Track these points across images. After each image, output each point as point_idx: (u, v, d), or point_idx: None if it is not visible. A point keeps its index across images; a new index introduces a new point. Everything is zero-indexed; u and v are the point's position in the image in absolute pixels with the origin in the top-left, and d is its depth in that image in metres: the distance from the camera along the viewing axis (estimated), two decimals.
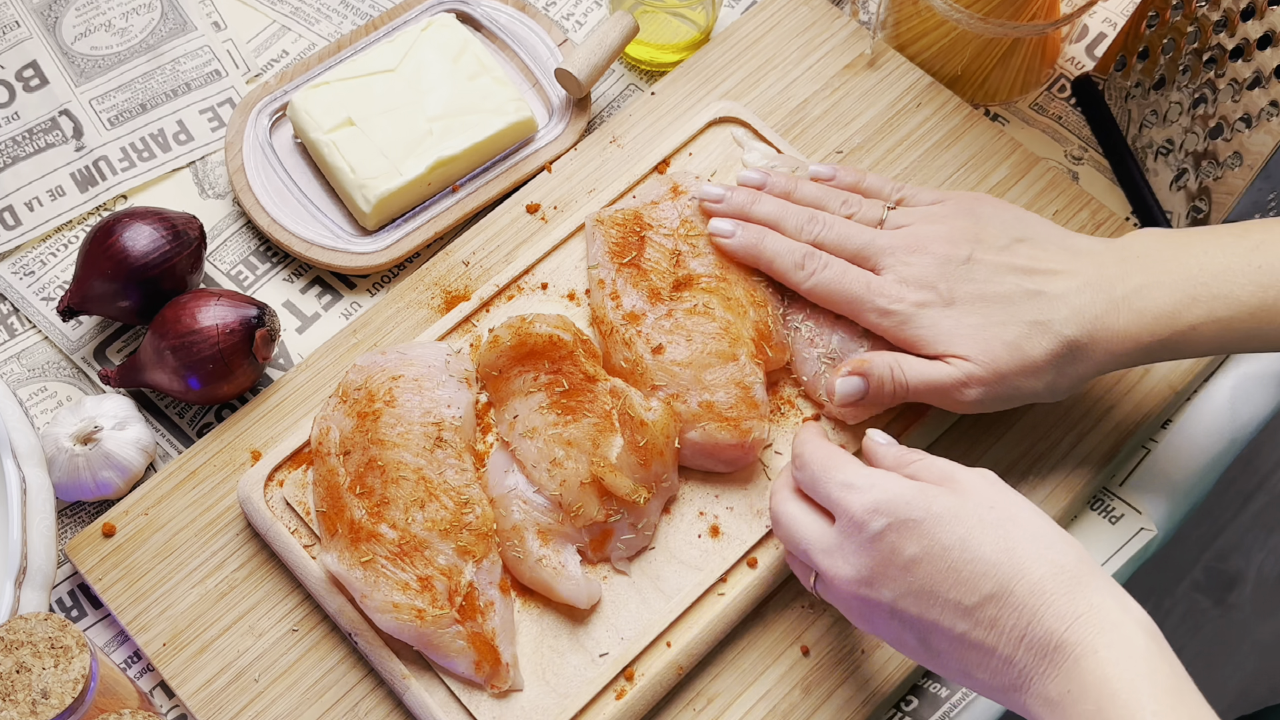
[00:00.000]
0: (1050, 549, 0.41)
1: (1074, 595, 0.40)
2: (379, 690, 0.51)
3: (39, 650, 0.43)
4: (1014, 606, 0.40)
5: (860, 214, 0.54)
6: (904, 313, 0.50)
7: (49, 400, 0.59)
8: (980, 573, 0.41)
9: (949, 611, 0.41)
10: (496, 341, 0.53)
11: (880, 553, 0.43)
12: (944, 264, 0.50)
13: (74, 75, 0.65)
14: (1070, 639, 0.39)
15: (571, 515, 0.50)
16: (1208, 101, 0.59)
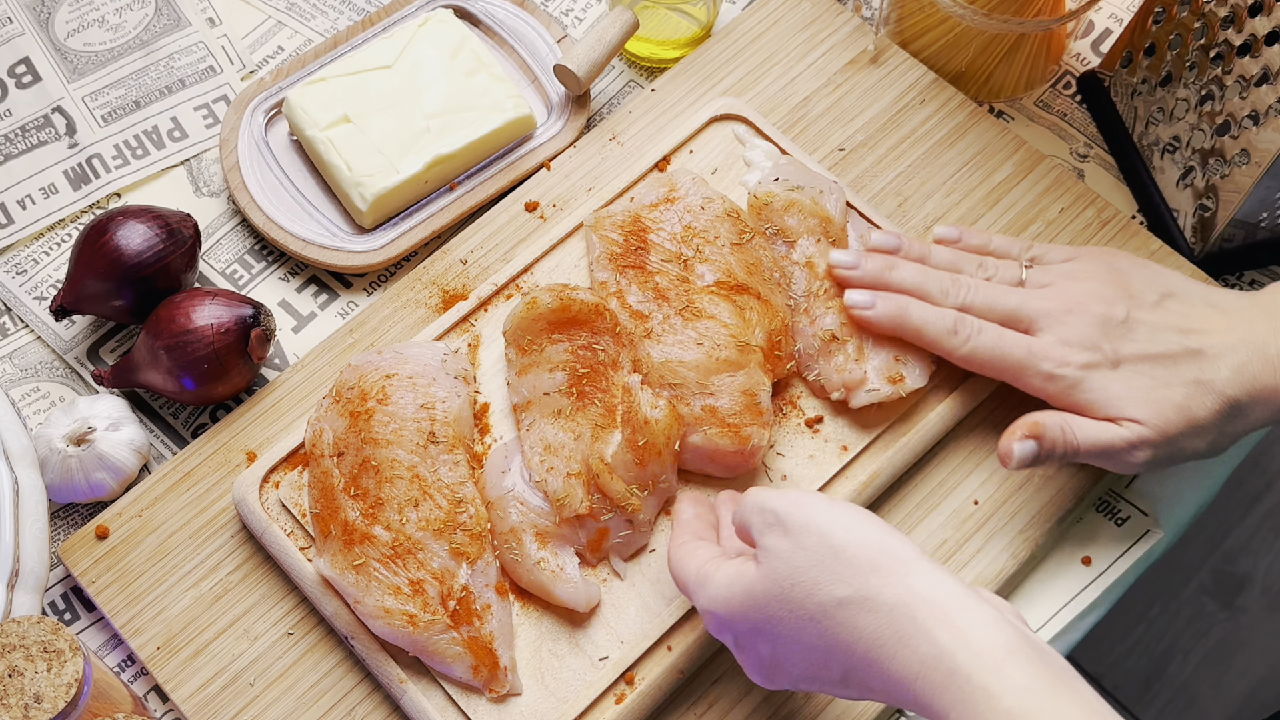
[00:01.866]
0: None
1: None
2: (376, 694, 0.51)
3: (31, 654, 0.42)
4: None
5: (999, 276, 0.53)
6: (1071, 377, 0.50)
7: (42, 401, 0.58)
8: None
9: None
10: (535, 304, 0.53)
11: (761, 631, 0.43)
12: (1104, 324, 0.50)
13: (67, 72, 0.64)
14: None
15: (557, 504, 0.50)
16: (1215, 98, 0.58)
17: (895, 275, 0.53)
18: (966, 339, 0.51)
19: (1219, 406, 0.48)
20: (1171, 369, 0.49)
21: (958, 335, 0.51)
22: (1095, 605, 0.54)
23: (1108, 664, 0.97)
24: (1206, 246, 0.60)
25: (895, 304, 0.53)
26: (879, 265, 0.54)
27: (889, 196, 0.61)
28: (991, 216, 0.61)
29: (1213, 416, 0.48)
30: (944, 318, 0.52)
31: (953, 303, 0.52)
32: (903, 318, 0.52)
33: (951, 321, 0.52)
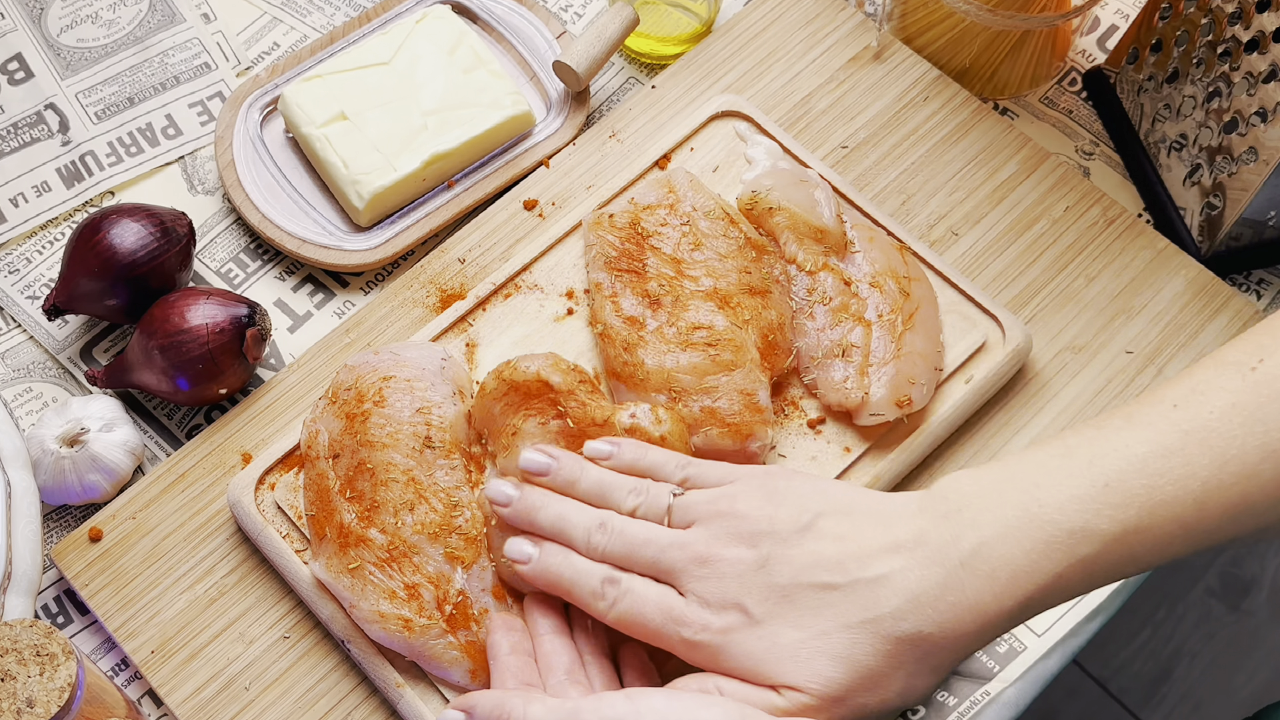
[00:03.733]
0: None
1: None
2: (372, 699, 0.50)
3: (24, 657, 0.42)
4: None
5: (645, 505, 0.46)
6: (712, 644, 0.42)
7: (34, 401, 0.58)
8: None
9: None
10: (484, 390, 0.51)
11: None
12: (741, 572, 0.42)
13: (60, 68, 0.64)
14: None
15: None
16: (1222, 95, 0.58)
17: (541, 516, 0.47)
18: (612, 604, 0.44)
19: (891, 649, 0.40)
20: (824, 613, 0.41)
21: (604, 600, 0.45)
22: (1101, 609, 0.53)
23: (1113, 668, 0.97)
24: (1214, 245, 0.60)
25: (548, 564, 0.46)
26: (529, 505, 0.47)
27: (892, 194, 0.60)
28: (996, 215, 0.60)
29: (886, 662, 0.40)
30: (591, 578, 0.45)
31: (597, 553, 0.46)
32: (554, 579, 0.46)
33: (599, 583, 0.45)
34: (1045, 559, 0.39)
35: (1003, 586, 0.39)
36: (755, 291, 0.54)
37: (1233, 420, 0.38)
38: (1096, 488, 0.39)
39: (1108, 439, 0.40)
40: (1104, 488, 0.39)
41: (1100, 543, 0.39)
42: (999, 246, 0.59)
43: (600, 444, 0.49)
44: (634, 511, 0.47)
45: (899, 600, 0.40)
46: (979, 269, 0.59)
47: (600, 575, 0.45)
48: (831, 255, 0.56)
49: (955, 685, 0.52)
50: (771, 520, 0.43)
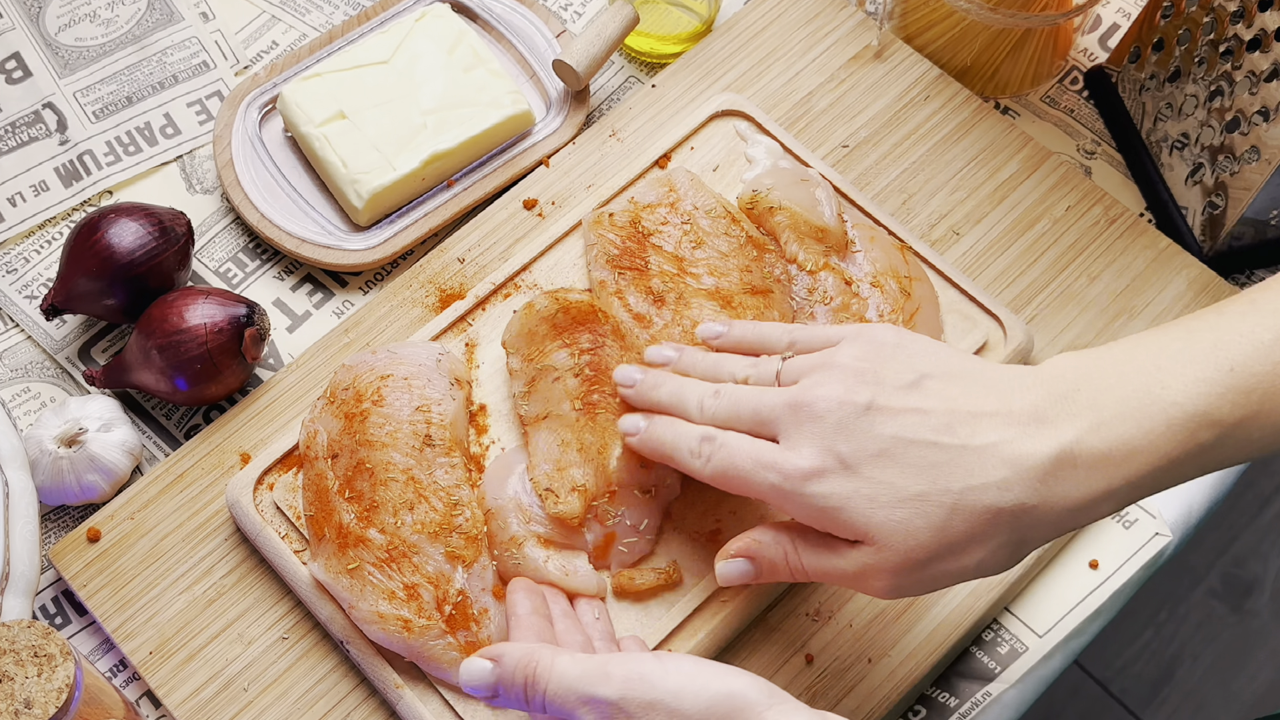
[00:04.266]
0: None
1: None
2: (372, 700, 0.50)
3: (22, 658, 0.42)
4: None
5: (757, 375, 0.46)
6: (800, 490, 0.41)
7: (32, 401, 0.57)
8: None
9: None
10: (531, 308, 0.52)
11: None
12: (840, 419, 0.41)
13: (58, 67, 0.64)
14: None
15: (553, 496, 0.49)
16: (1224, 94, 0.57)
17: (657, 394, 0.48)
18: (708, 459, 0.44)
19: (986, 521, 0.38)
20: (925, 473, 0.39)
21: (700, 456, 0.45)
22: (1103, 609, 0.53)
23: (1115, 669, 0.97)
24: (1216, 245, 0.60)
25: (653, 433, 0.47)
26: (650, 384, 0.48)
27: (893, 194, 0.60)
28: (997, 214, 0.60)
29: (977, 531, 0.38)
30: (690, 437, 0.45)
31: (707, 416, 0.46)
32: (659, 445, 0.47)
33: (696, 441, 0.45)
34: (1164, 440, 0.38)
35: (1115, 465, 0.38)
36: (757, 291, 0.54)
37: None
38: (1222, 372, 0.38)
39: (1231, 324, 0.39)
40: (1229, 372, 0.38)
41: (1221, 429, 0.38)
42: (1000, 246, 0.59)
43: (712, 325, 0.50)
44: (746, 380, 0.46)
45: (1006, 471, 0.38)
46: (980, 268, 0.59)
47: (699, 434, 0.45)
48: (832, 255, 0.56)
49: (957, 686, 0.52)
50: (878, 373, 0.42)
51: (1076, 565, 0.54)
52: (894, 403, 0.41)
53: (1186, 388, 0.38)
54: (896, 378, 0.42)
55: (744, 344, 0.49)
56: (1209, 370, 0.38)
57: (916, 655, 0.51)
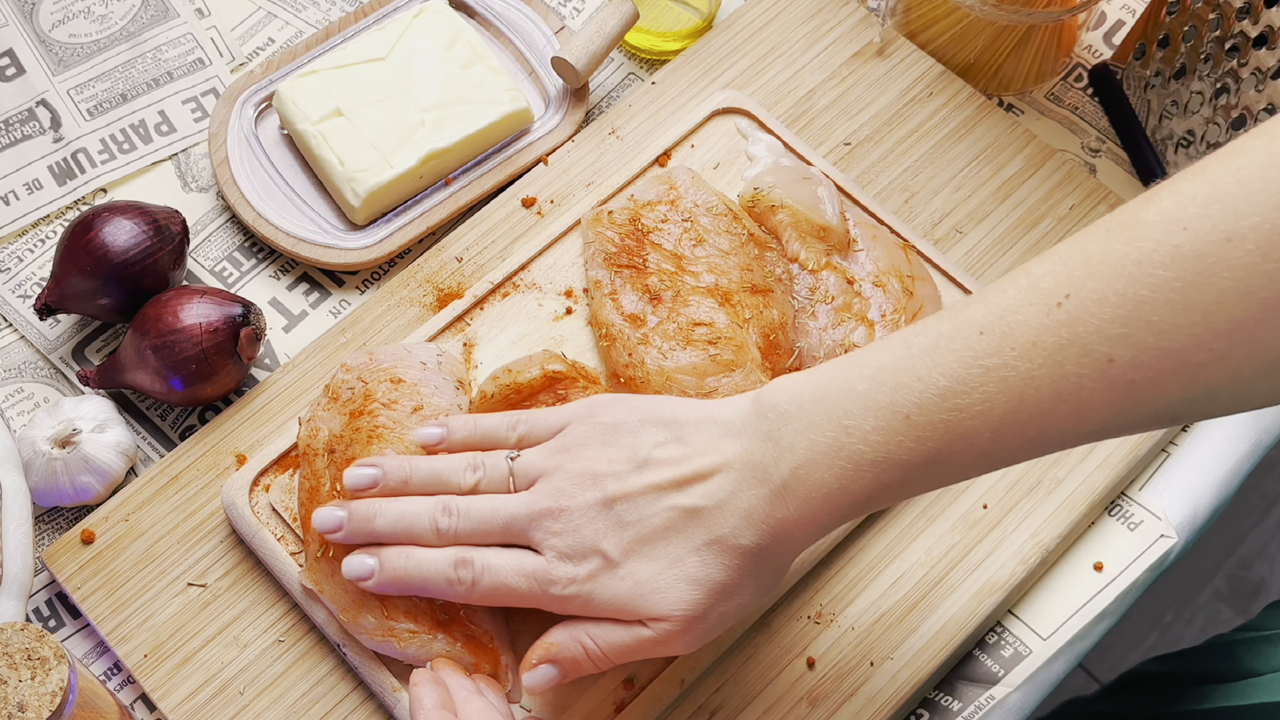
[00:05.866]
0: None
1: None
2: (369, 703, 0.50)
3: (15, 662, 0.41)
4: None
5: (486, 477, 0.46)
6: (581, 594, 0.44)
7: (25, 402, 0.57)
8: None
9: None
10: (485, 396, 0.50)
11: None
12: (591, 518, 0.44)
13: (52, 64, 0.63)
14: None
15: None
16: (1230, 91, 0.57)
17: (379, 523, 0.46)
18: (472, 584, 0.45)
19: (738, 562, 0.42)
20: (674, 540, 0.43)
21: (461, 584, 0.45)
22: (1107, 612, 0.53)
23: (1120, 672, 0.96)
24: None
25: (392, 568, 0.45)
26: (361, 518, 0.46)
27: (896, 192, 0.60)
28: (1001, 213, 0.59)
29: (736, 574, 0.43)
30: (442, 566, 0.45)
31: (448, 537, 0.45)
32: (404, 579, 0.45)
33: (451, 568, 0.45)
34: (854, 483, 0.42)
35: (818, 505, 0.42)
36: (757, 290, 0.54)
37: (1033, 360, 0.39)
38: (899, 420, 0.41)
39: (913, 364, 0.41)
40: (905, 420, 0.41)
41: (903, 470, 0.41)
42: (1004, 244, 0.59)
43: (428, 428, 0.49)
44: (475, 487, 0.46)
45: (735, 519, 0.43)
46: (984, 267, 0.58)
47: (450, 560, 0.45)
48: (834, 254, 0.55)
49: (960, 690, 0.51)
50: (610, 461, 0.45)
51: (1081, 567, 0.53)
52: (631, 487, 0.44)
53: (867, 435, 0.41)
54: (626, 460, 0.44)
55: (470, 443, 0.48)
56: (887, 418, 0.41)
57: (919, 658, 0.50)
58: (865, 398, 0.41)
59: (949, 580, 0.52)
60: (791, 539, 0.43)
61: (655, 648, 0.44)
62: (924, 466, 0.41)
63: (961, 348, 0.40)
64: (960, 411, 0.40)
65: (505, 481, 0.46)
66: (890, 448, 0.41)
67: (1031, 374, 0.39)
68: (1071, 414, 0.39)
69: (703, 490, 0.43)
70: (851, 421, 0.41)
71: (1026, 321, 0.39)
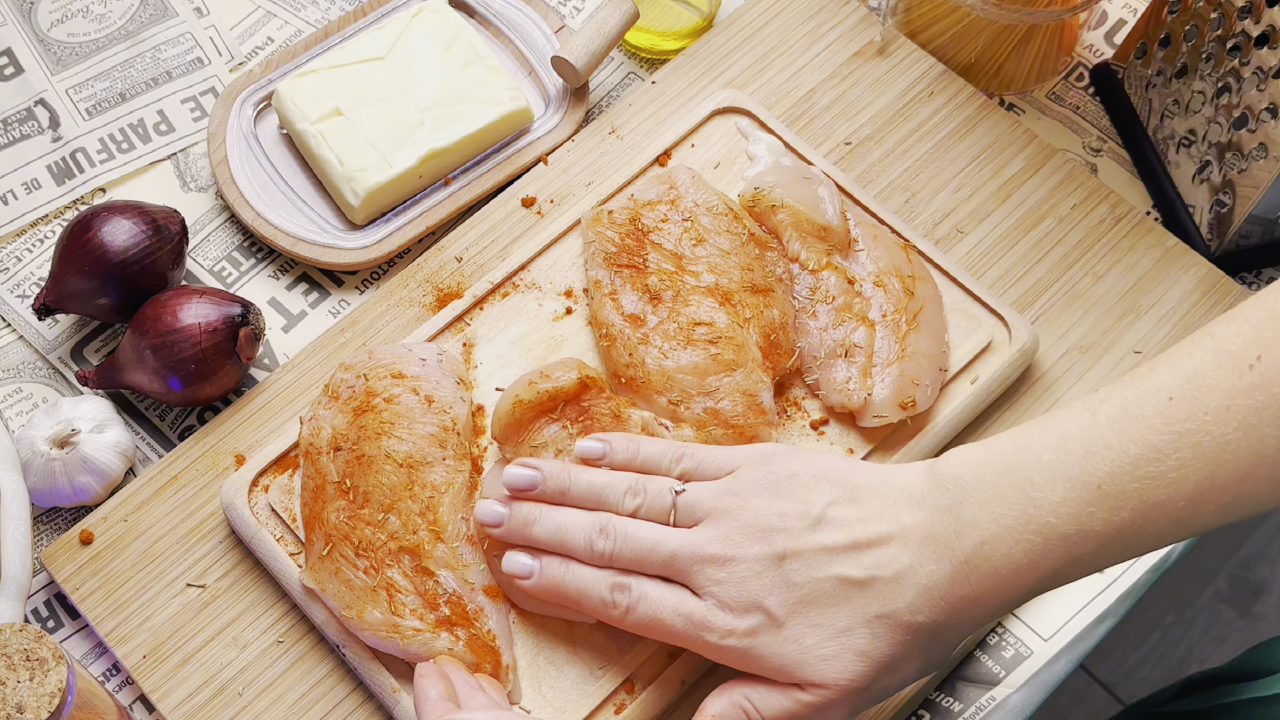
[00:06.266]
0: None
1: None
2: (368, 704, 0.50)
3: (14, 662, 0.41)
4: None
5: (646, 504, 0.46)
6: (739, 646, 0.43)
7: (24, 402, 0.57)
8: None
9: None
10: (520, 401, 0.49)
11: None
12: (759, 572, 0.43)
13: (50, 63, 0.63)
14: None
15: None
16: (1232, 91, 0.57)
17: (537, 530, 0.46)
18: (627, 610, 0.45)
19: (908, 639, 0.42)
20: (843, 609, 0.42)
21: (616, 607, 0.45)
22: (1109, 613, 0.53)
23: (1122, 673, 0.96)
24: (1223, 243, 0.59)
25: (552, 574, 0.46)
26: (521, 520, 0.47)
27: (896, 191, 0.60)
28: (1002, 213, 0.59)
29: (904, 650, 0.42)
30: (599, 585, 0.45)
31: (602, 559, 0.45)
32: (561, 589, 0.46)
33: (608, 591, 0.45)
34: (1044, 558, 0.40)
35: (1004, 582, 0.41)
36: (757, 289, 0.54)
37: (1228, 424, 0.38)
38: (1090, 490, 0.40)
39: (1101, 433, 0.40)
40: (1097, 490, 0.40)
41: (1096, 542, 0.40)
42: (1005, 244, 0.59)
43: (589, 442, 0.48)
44: (635, 512, 0.46)
45: (912, 595, 0.42)
46: (985, 267, 0.58)
47: (608, 583, 0.45)
48: (835, 253, 0.55)
49: (961, 691, 0.51)
50: (782, 515, 0.44)
51: None
52: (803, 546, 0.43)
53: (1057, 508, 0.40)
54: (800, 516, 0.44)
55: (631, 465, 0.47)
56: (1077, 489, 0.40)
57: None
58: (1053, 468, 0.40)
59: None
60: (969, 617, 0.42)
61: (812, 715, 0.43)
62: (1117, 538, 0.40)
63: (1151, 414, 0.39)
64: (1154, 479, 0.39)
65: (666, 513, 0.45)
66: (1082, 519, 0.39)
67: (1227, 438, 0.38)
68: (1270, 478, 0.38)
69: (877, 558, 0.42)
70: (1039, 493, 0.40)
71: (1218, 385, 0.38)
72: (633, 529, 0.45)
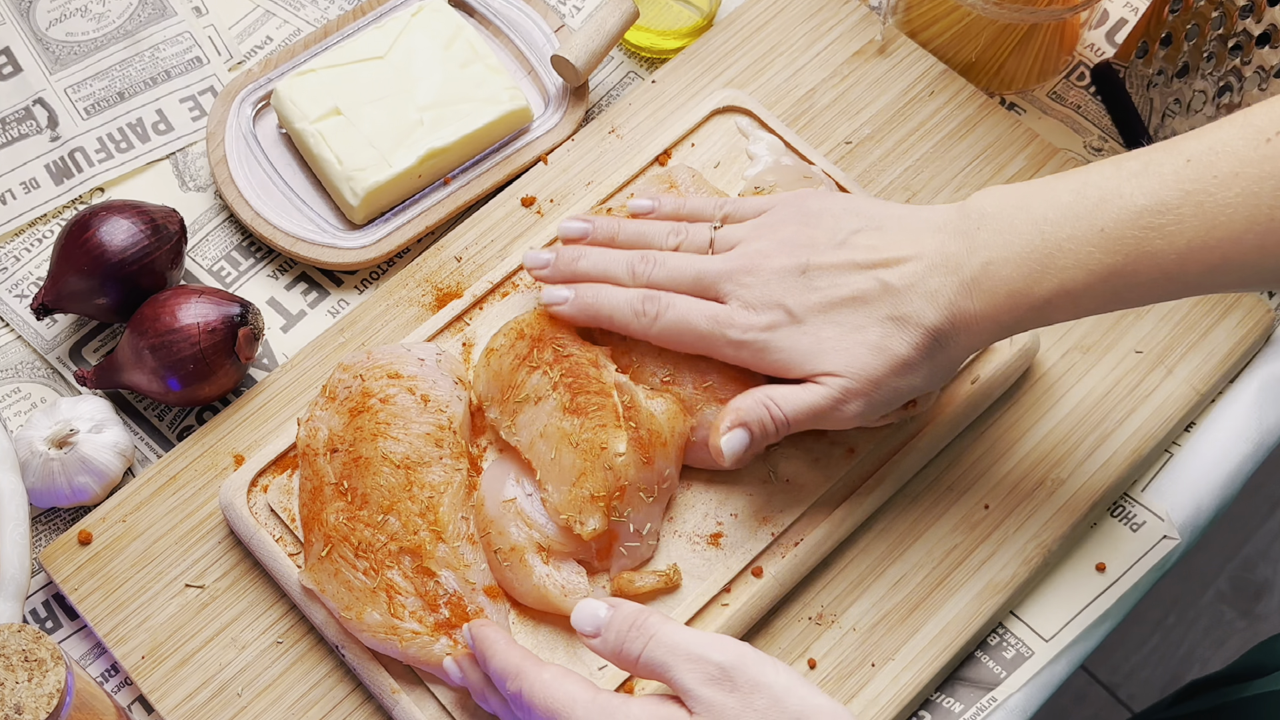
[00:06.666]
0: None
1: None
2: (368, 705, 0.50)
3: (12, 663, 0.41)
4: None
5: (688, 240, 0.51)
6: (758, 341, 0.48)
7: (23, 402, 0.57)
8: None
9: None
10: (493, 353, 0.52)
11: None
12: (783, 278, 0.48)
13: (49, 62, 0.63)
14: None
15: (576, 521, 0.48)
16: (1233, 90, 0.57)
17: (582, 264, 0.51)
18: (655, 318, 0.49)
19: (919, 339, 0.46)
20: (861, 310, 0.46)
21: (645, 315, 0.49)
22: (1110, 613, 0.53)
23: (1123, 673, 0.96)
24: None
25: (585, 295, 0.50)
26: (569, 256, 0.51)
27: (897, 191, 0.59)
28: None
29: (915, 351, 0.46)
30: (631, 300, 0.49)
31: (640, 281, 0.50)
32: (594, 308, 0.50)
33: (640, 301, 0.49)
34: (1038, 284, 0.44)
35: (1002, 301, 0.45)
36: None
37: (1231, 188, 0.41)
38: (1094, 231, 0.43)
39: (1119, 185, 0.44)
40: (1100, 232, 0.43)
41: (1086, 278, 0.44)
42: None
43: (641, 200, 0.53)
44: (677, 249, 0.51)
45: (921, 301, 0.46)
46: None
47: (639, 295, 0.49)
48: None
49: (961, 691, 0.51)
50: (810, 237, 0.48)
51: (1083, 568, 0.53)
52: (827, 260, 0.47)
53: (1062, 243, 0.44)
54: (827, 238, 0.48)
55: (678, 214, 0.52)
56: (1084, 229, 0.44)
57: (920, 660, 0.50)
58: (1067, 208, 0.44)
59: (950, 581, 0.51)
60: (969, 331, 0.46)
61: (831, 408, 0.47)
62: (1107, 279, 0.43)
63: (1167, 172, 0.42)
64: (1152, 230, 0.42)
65: (705, 248, 0.50)
66: (1080, 255, 0.43)
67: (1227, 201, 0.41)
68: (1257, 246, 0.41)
69: (894, 272, 0.46)
70: (1049, 227, 0.44)
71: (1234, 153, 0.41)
72: (671, 256, 0.50)
